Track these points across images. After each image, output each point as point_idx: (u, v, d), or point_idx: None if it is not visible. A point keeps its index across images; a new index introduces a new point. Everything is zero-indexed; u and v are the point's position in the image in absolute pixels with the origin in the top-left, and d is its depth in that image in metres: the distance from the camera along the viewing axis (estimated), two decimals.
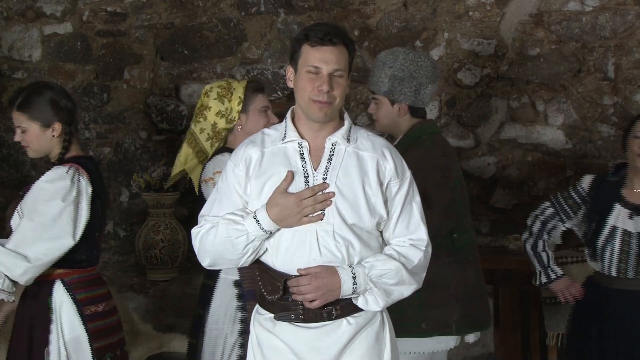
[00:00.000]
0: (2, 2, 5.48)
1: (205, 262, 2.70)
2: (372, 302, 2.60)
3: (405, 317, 3.29)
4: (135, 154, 5.49)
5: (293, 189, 2.58)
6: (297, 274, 2.56)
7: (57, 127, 3.28)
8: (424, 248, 2.68)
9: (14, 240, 3.12)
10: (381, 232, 2.69)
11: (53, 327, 3.19)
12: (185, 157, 3.83)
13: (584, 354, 3.58)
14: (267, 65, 5.35)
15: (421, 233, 2.68)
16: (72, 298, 3.21)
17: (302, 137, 2.64)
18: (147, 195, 5.15)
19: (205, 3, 5.40)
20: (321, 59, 2.57)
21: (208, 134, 3.78)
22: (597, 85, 5.04)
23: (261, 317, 2.67)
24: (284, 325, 2.61)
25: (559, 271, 3.66)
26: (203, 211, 2.74)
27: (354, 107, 5.27)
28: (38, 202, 3.15)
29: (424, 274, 2.71)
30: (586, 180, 3.62)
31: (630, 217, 3.46)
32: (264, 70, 5.33)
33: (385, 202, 2.63)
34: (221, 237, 2.60)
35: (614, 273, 3.46)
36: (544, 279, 3.68)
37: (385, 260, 2.60)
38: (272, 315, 2.62)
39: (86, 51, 5.50)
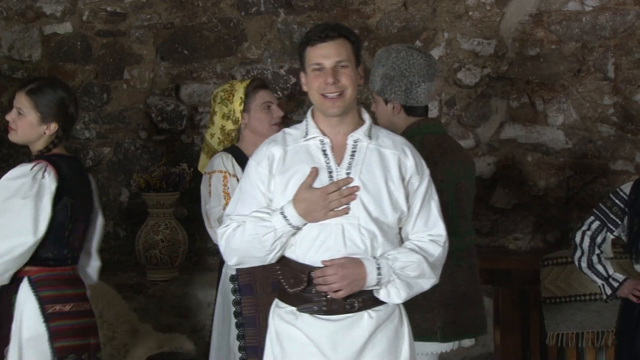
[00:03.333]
0: (2, 2, 5.47)
1: (232, 261, 2.73)
2: (394, 295, 2.65)
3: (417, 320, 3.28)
4: (135, 153, 5.49)
5: (317, 184, 2.63)
6: (322, 265, 2.60)
7: (53, 127, 3.27)
8: (442, 244, 2.74)
9: None
10: (399, 228, 2.74)
11: (13, 325, 3.15)
12: (202, 166, 3.88)
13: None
14: (267, 65, 5.35)
15: (440, 229, 2.75)
16: (35, 295, 3.16)
17: (323, 134, 2.69)
18: (147, 195, 5.14)
19: (205, 3, 5.40)
20: (322, 55, 2.64)
21: (218, 137, 3.80)
22: (597, 85, 5.04)
23: (281, 310, 2.70)
24: (305, 318, 2.64)
25: (621, 277, 3.61)
26: (227, 210, 2.78)
27: None
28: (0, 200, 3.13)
29: (441, 270, 2.76)
30: (628, 185, 3.61)
31: None
32: (264, 70, 5.33)
33: (407, 197, 2.69)
34: (249, 235, 2.64)
35: None
36: (608, 290, 3.61)
37: (408, 253, 2.67)
38: (294, 308, 2.66)
39: (86, 51, 5.50)
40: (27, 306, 3.17)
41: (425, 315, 3.35)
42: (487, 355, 4.86)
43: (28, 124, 3.27)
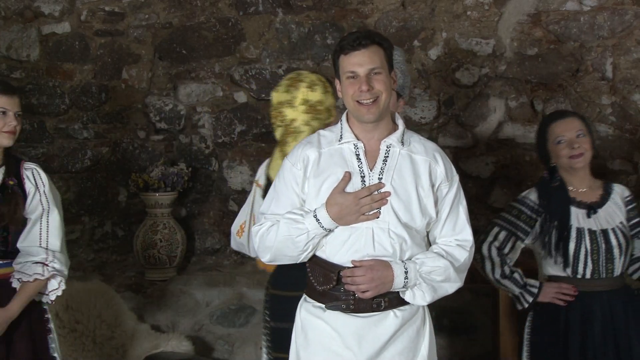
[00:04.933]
0: (0, 2, 5.47)
1: (266, 257, 2.81)
2: (419, 297, 2.73)
3: None
4: (134, 153, 5.48)
5: (350, 188, 2.71)
6: (351, 265, 2.68)
7: None
8: (469, 248, 2.81)
9: None
10: (427, 233, 2.81)
11: None
12: None
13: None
14: (265, 64, 5.35)
15: (467, 234, 2.82)
16: None
17: (357, 139, 2.76)
18: (146, 195, 5.15)
19: (204, 3, 5.40)
20: (355, 63, 2.71)
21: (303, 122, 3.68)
22: (595, 85, 5.04)
23: (309, 305, 2.78)
24: (333, 313, 2.72)
25: (535, 282, 3.56)
26: (262, 208, 2.86)
27: None
28: None
29: (465, 273, 2.83)
30: (532, 193, 3.58)
31: (588, 216, 3.46)
32: (262, 70, 5.33)
33: (436, 203, 2.76)
34: (282, 235, 2.73)
35: (588, 275, 3.42)
36: (529, 298, 3.55)
37: (435, 258, 2.74)
38: (322, 304, 2.74)
39: (84, 51, 5.50)
40: None
41: None
42: (485, 355, 4.86)
43: (20, 125, 3.36)
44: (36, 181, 3.33)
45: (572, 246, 3.42)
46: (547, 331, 3.51)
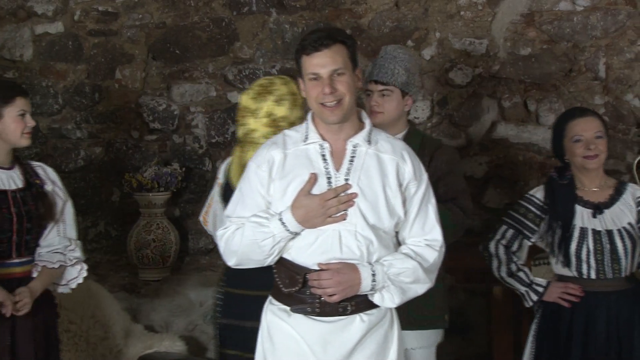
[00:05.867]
0: None
1: (232, 262, 2.76)
2: (388, 299, 2.67)
3: (435, 310, 3.41)
4: (127, 153, 5.48)
5: (316, 190, 2.64)
6: (318, 268, 2.63)
7: None
8: (438, 248, 2.75)
9: None
10: (396, 233, 2.75)
11: None
12: None
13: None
14: (259, 64, 5.35)
15: (436, 234, 2.75)
16: None
17: (323, 139, 2.70)
18: (139, 195, 5.14)
19: (197, 3, 5.39)
20: (317, 64, 2.64)
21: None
22: (588, 85, 5.05)
23: (275, 307, 2.73)
24: (298, 317, 2.67)
25: (542, 281, 3.55)
26: (227, 211, 2.80)
27: None
28: None
29: (436, 274, 2.78)
30: (539, 190, 3.58)
31: (594, 216, 3.44)
32: (256, 70, 5.33)
33: (404, 203, 2.70)
34: (248, 239, 2.67)
35: (593, 275, 3.41)
36: (534, 297, 3.55)
37: (403, 259, 2.68)
38: (287, 307, 2.68)
39: (78, 51, 5.49)
40: None
41: (441, 304, 3.50)
42: (480, 354, 4.87)
43: None
44: (49, 177, 3.43)
45: (573, 246, 3.40)
46: (551, 332, 3.50)
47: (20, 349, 3.26)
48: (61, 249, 3.38)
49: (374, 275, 2.61)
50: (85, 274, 3.45)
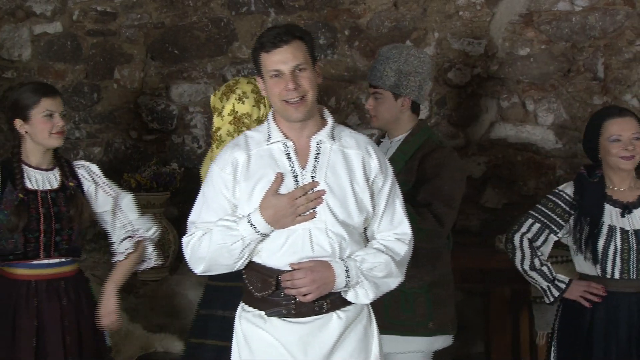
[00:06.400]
0: None
1: (199, 269, 2.70)
2: (362, 295, 2.64)
3: (415, 316, 3.32)
4: (126, 153, 5.48)
5: (283, 189, 2.60)
6: (289, 269, 2.59)
7: None
8: (408, 242, 2.72)
9: None
10: (364, 229, 2.72)
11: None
12: None
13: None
14: None
15: (405, 227, 2.73)
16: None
17: (286, 137, 2.66)
18: (138, 195, 5.12)
19: (196, 3, 5.39)
20: (279, 61, 2.60)
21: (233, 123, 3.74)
22: (587, 85, 5.05)
23: (249, 314, 2.67)
24: (274, 321, 2.62)
25: (565, 278, 3.53)
26: (191, 218, 2.74)
27: (344, 107, 5.28)
28: None
29: (406, 267, 2.75)
30: (568, 186, 3.57)
31: (622, 215, 3.43)
32: (254, 70, 5.31)
33: (372, 197, 2.67)
34: (216, 244, 2.61)
35: (617, 275, 3.39)
36: (555, 292, 3.53)
37: (375, 254, 2.65)
38: (262, 312, 2.64)
39: (76, 51, 5.49)
40: None
41: (446, 309, 3.43)
42: (478, 355, 4.88)
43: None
44: (92, 177, 3.48)
45: (601, 243, 3.38)
46: (572, 329, 3.49)
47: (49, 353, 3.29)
48: (125, 235, 3.49)
49: (347, 271, 2.58)
50: (151, 248, 3.60)
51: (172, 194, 5.24)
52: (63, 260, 3.35)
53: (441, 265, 3.40)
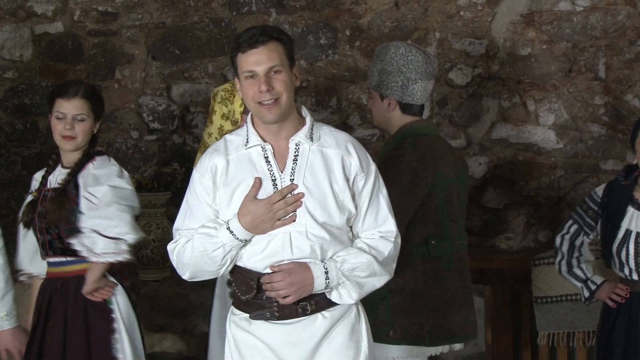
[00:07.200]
0: None
1: (185, 275, 2.72)
2: (346, 296, 2.63)
3: (377, 322, 3.24)
4: (127, 153, 5.48)
5: (262, 193, 2.59)
6: (270, 271, 2.59)
7: (97, 125, 3.43)
8: (393, 239, 2.71)
9: None
10: (351, 227, 2.71)
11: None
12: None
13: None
14: None
15: (390, 225, 2.71)
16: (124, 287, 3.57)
17: (264, 141, 2.65)
18: (139, 195, 5.12)
19: (197, 3, 5.39)
20: (253, 62, 2.59)
21: (216, 137, 3.76)
22: (588, 85, 5.05)
23: (236, 318, 2.69)
24: (259, 324, 2.63)
25: (599, 279, 3.57)
26: (176, 225, 2.75)
27: (345, 107, 5.28)
28: None
29: (394, 265, 2.74)
30: (601, 188, 3.58)
31: None
32: None
33: (353, 197, 2.66)
34: (198, 251, 2.62)
35: (635, 277, 3.41)
36: (586, 293, 3.59)
37: (357, 254, 2.64)
38: (247, 315, 2.65)
39: (77, 51, 5.49)
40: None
41: (413, 319, 3.33)
42: (479, 355, 4.87)
43: (88, 128, 3.37)
44: (92, 180, 3.37)
45: (614, 246, 3.41)
46: (607, 326, 3.53)
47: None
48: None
49: (326, 272, 2.58)
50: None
51: (173, 194, 5.23)
52: (64, 260, 3.34)
53: (408, 273, 3.29)
